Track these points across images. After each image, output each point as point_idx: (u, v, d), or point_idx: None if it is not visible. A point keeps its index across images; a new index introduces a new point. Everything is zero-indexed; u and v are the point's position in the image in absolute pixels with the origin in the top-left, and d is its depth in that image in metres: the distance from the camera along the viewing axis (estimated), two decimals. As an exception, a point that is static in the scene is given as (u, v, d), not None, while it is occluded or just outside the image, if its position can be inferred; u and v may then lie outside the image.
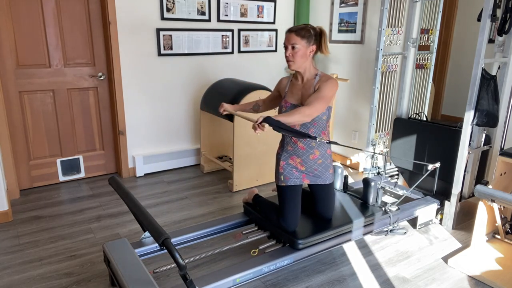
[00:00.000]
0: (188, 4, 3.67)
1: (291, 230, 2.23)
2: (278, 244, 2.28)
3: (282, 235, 2.26)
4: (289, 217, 2.22)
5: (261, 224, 2.45)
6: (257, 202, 2.50)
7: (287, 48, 2.12)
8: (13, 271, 2.27)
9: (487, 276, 2.22)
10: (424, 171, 2.96)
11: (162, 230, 1.71)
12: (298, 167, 2.25)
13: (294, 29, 2.10)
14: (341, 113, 4.15)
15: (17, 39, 3.13)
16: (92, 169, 3.71)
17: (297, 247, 2.17)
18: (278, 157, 2.31)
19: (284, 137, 2.27)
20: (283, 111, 2.22)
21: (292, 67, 2.15)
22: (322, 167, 2.27)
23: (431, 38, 3.35)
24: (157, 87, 3.74)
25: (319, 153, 2.24)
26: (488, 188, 2.23)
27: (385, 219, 2.59)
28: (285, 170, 2.25)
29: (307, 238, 2.19)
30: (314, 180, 2.29)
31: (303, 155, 2.22)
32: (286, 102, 2.22)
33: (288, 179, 2.25)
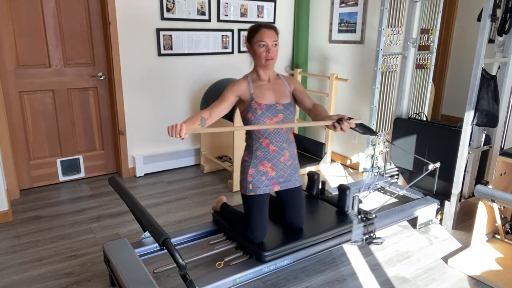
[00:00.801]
0: (188, 4, 3.67)
1: (258, 241, 2.10)
2: (245, 256, 2.15)
3: (249, 246, 2.13)
4: (256, 228, 2.10)
5: (229, 234, 2.33)
6: (224, 211, 2.40)
7: (267, 46, 1.99)
8: (13, 271, 2.27)
9: (487, 276, 2.22)
10: (424, 171, 2.96)
11: (162, 230, 1.71)
12: (269, 173, 2.13)
13: (271, 25, 2.04)
14: (341, 113, 4.15)
15: (17, 39, 3.13)
16: (92, 169, 3.71)
17: (264, 259, 2.05)
18: (245, 165, 2.14)
19: (253, 143, 2.12)
20: (259, 113, 2.02)
21: (271, 67, 2.06)
22: (291, 169, 2.19)
23: (431, 38, 3.35)
24: (157, 87, 3.74)
25: (289, 154, 2.16)
26: (488, 188, 2.23)
27: (361, 228, 2.44)
28: (254, 178, 2.10)
29: (275, 250, 2.07)
30: (285, 185, 2.18)
31: (274, 159, 2.11)
32: (260, 104, 2.03)
33: (257, 187, 2.11)
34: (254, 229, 2.10)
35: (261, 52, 2.00)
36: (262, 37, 1.99)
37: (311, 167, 3.92)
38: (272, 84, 2.11)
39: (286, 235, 2.20)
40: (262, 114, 2.02)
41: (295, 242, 2.15)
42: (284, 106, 2.07)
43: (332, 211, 2.49)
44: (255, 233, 2.10)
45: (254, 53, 2.04)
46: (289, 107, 2.09)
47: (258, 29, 2.01)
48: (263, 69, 2.07)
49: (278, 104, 2.06)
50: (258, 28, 2.02)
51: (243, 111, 2.09)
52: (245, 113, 2.07)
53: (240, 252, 2.20)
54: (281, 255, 2.10)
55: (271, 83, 2.11)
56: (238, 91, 2.06)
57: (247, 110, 2.05)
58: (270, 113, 2.04)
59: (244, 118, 2.09)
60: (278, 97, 2.08)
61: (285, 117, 2.07)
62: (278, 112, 2.05)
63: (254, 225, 2.10)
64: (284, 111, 2.07)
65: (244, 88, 2.06)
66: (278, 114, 2.05)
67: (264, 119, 2.03)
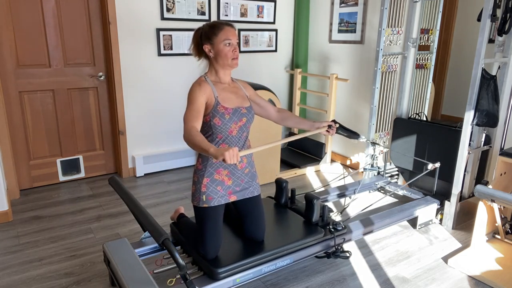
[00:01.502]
0: (188, 4, 3.67)
1: (210, 257, 1.95)
2: (200, 272, 1.99)
3: (202, 262, 1.97)
4: (208, 243, 1.94)
5: (185, 247, 2.15)
6: (180, 223, 2.26)
7: (232, 45, 1.88)
8: (13, 271, 2.27)
9: (487, 276, 2.22)
10: (424, 171, 2.96)
11: (162, 230, 1.71)
12: (225, 181, 1.98)
13: (232, 24, 1.93)
14: (341, 113, 4.15)
15: (17, 39, 3.13)
16: (92, 169, 3.71)
17: (216, 277, 1.89)
18: (199, 174, 1.97)
19: None
20: (227, 118, 1.90)
21: (236, 66, 1.94)
22: (249, 176, 2.06)
23: (431, 38, 3.35)
24: (157, 87, 3.74)
25: (247, 161, 2.04)
26: (488, 188, 2.23)
27: (328, 240, 2.26)
28: (208, 189, 1.94)
29: (229, 266, 1.91)
30: (242, 194, 2.04)
31: (230, 165, 1.98)
32: (226, 108, 1.90)
33: (211, 199, 1.95)
34: (206, 244, 1.94)
35: (227, 51, 1.87)
36: (227, 35, 1.87)
37: (311, 167, 3.92)
38: (231, 87, 2.01)
39: (244, 249, 2.05)
40: (230, 119, 1.91)
41: (254, 256, 1.99)
42: (247, 110, 1.99)
43: (299, 222, 2.33)
44: (207, 248, 1.94)
45: (219, 52, 1.88)
46: (250, 111, 2.01)
47: (221, 26, 1.88)
48: (227, 69, 1.95)
49: (242, 108, 1.96)
50: (220, 26, 1.89)
51: (206, 116, 1.90)
52: (210, 117, 1.89)
53: (195, 267, 2.05)
54: (237, 271, 1.94)
55: (230, 86, 2.01)
56: (205, 93, 1.89)
57: (212, 115, 1.89)
58: (236, 117, 1.93)
59: (209, 124, 1.91)
60: (240, 101, 1.99)
61: (247, 120, 1.99)
62: (242, 116, 1.96)
63: (206, 240, 1.95)
64: (247, 115, 1.98)
65: (209, 90, 1.90)
66: (242, 118, 1.96)
67: (231, 124, 1.92)
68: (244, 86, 2.10)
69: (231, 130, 1.94)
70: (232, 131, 1.94)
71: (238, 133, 1.96)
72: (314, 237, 2.20)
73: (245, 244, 2.10)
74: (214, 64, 1.95)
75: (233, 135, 1.95)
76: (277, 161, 3.63)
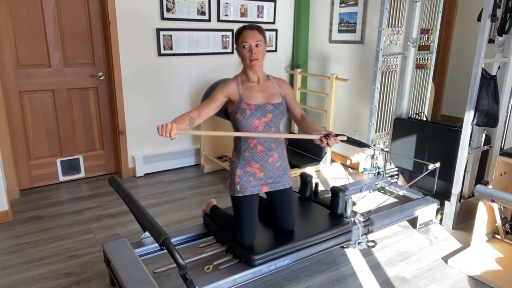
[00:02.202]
0: (188, 4, 3.67)
1: (247, 244, 2.07)
2: (235, 260, 2.11)
3: (238, 250, 2.09)
4: (245, 230, 2.06)
5: (219, 237, 2.31)
6: (214, 214, 2.38)
7: (251, 47, 1.98)
8: (13, 271, 2.28)
9: (487, 276, 2.22)
10: (424, 171, 2.96)
11: (162, 230, 1.71)
12: (257, 173, 2.11)
13: (256, 26, 2.03)
14: (341, 113, 4.15)
15: (17, 39, 3.13)
16: (92, 169, 3.71)
17: (253, 263, 2.00)
18: (233, 166, 2.13)
19: (241, 144, 2.10)
20: (248, 113, 2.01)
21: (256, 67, 2.03)
22: (281, 170, 2.16)
23: (431, 38, 3.35)
24: (157, 87, 3.74)
25: (278, 155, 2.13)
26: (488, 188, 2.23)
27: (354, 231, 2.42)
28: (241, 179, 2.08)
29: (264, 253, 2.03)
30: (274, 186, 2.15)
31: (262, 159, 2.09)
32: (249, 105, 2.02)
33: (245, 188, 2.08)
34: (243, 232, 2.06)
35: (244, 53, 2.00)
36: (244, 38, 1.99)
37: (311, 167, 3.92)
38: (261, 85, 2.09)
39: (276, 238, 2.16)
40: (251, 115, 2.01)
41: (286, 245, 2.11)
42: (274, 106, 2.06)
43: (325, 214, 2.46)
44: (245, 236, 2.06)
45: (240, 54, 2.05)
46: (279, 107, 2.07)
47: (241, 31, 2.02)
48: (249, 70, 2.06)
49: (268, 104, 2.05)
50: (241, 30, 2.02)
51: (232, 111, 2.07)
52: (234, 113, 2.05)
53: (229, 255, 2.17)
54: (271, 258, 2.06)
55: (260, 84, 2.09)
56: (227, 91, 2.04)
57: (236, 111, 2.04)
58: (259, 113, 2.03)
59: (233, 119, 2.07)
60: (268, 98, 2.07)
61: (274, 116, 2.05)
62: (267, 112, 2.04)
63: (243, 228, 2.06)
64: (274, 111, 2.05)
65: (234, 88, 2.05)
66: (267, 114, 2.04)
67: (253, 119, 2.02)
68: (279, 84, 2.15)
69: (255, 125, 2.03)
70: (257, 126, 2.03)
71: (264, 129, 2.06)
72: (340, 227, 2.34)
73: (277, 233, 2.22)
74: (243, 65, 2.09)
75: (259, 130, 2.05)
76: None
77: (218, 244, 2.29)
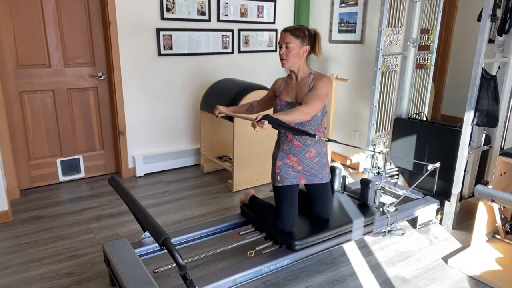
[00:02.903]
0: (188, 4, 3.67)
1: (288, 231, 2.23)
2: (275, 246, 2.27)
3: (279, 236, 2.25)
4: (286, 217, 2.21)
5: (258, 225, 2.43)
6: (254, 203, 2.50)
7: (281, 47, 2.15)
8: (13, 271, 2.28)
9: (487, 276, 2.22)
10: (424, 171, 2.96)
11: (162, 230, 1.71)
12: (295, 166, 2.24)
13: (289, 28, 2.14)
14: (341, 113, 4.15)
15: (17, 39, 3.13)
16: (92, 169, 3.71)
17: (294, 248, 2.16)
18: (274, 157, 2.30)
19: (280, 136, 2.27)
20: (278, 109, 2.23)
21: (285, 66, 2.18)
22: (319, 165, 2.27)
23: (431, 38, 3.35)
24: (157, 87, 3.74)
25: (315, 151, 2.24)
26: (488, 188, 2.23)
27: (383, 220, 2.57)
28: (281, 170, 2.24)
29: (304, 239, 2.17)
30: (311, 179, 2.28)
31: (299, 154, 2.22)
32: (281, 100, 2.23)
33: (284, 179, 2.23)
34: (284, 219, 2.21)
35: (279, 53, 2.18)
36: (281, 40, 2.16)
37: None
38: (298, 83, 2.22)
39: (314, 225, 2.32)
40: (280, 109, 2.21)
41: (323, 232, 2.26)
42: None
43: (355, 204, 2.61)
44: (286, 222, 2.21)
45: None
46: None
47: (281, 33, 2.18)
48: (284, 67, 2.21)
49: (296, 103, 2.19)
50: (281, 32, 2.19)
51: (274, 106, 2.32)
52: (274, 107, 2.30)
53: (269, 241, 2.32)
54: (311, 244, 2.21)
55: (297, 82, 2.23)
56: (274, 87, 2.36)
57: (275, 104, 2.29)
58: (287, 108, 2.18)
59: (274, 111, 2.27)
60: (299, 96, 2.20)
61: None
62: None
63: (284, 215, 2.21)
64: None
65: (278, 85, 2.33)
66: None
67: None
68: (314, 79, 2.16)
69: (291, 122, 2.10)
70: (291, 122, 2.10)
71: (297, 124, 2.16)
72: (371, 217, 2.49)
73: (315, 221, 2.36)
74: None
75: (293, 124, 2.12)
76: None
77: (257, 232, 2.42)
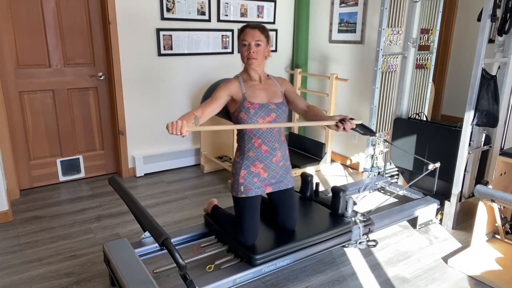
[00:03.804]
0: (188, 4, 3.67)
1: (249, 244, 2.08)
2: (236, 259, 2.13)
3: (240, 249, 2.11)
4: (247, 230, 2.07)
5: (220, 236, 2.31)
6: (215, 214, 2.39)
7: (250, 45, 1.99)
8: (13, 271, 2.27)
9: (487, 276, 2.22)
10: (424, 171, 2.95)
11: (162, 230, 1.71)
12: (261, 174, 2.11)
13: (259, 26, 2.04)
14: (341, 113, 4.15)
15: (17, 39, 3.13)
16: (92, 169, 3.71)
17: (254, 263, 2.01)
18: (237, 166, 2.11)
19: (245, 143, 2.10)
20: (252, 113, 2.01)
21: (254, 65, 2.04)
22: (283, 169, 2.17)
23: (431, 38, 3.35)
24: (157, 87, 3.74)
25: (281, 155, 2.15)
26: (488, 188, 2.23)
27: (356, 231, 2.42)
28: (246, 180, 2.08)
29: (265, 253, 2.04)
30: (277, 186, 2.16)
31: (266, 159, 2.10)
32: (252, 104, 2.03)
33: (249, 189, 2.08)
34: (245, 232, 2.08)
35: (243, 51, 2.02)
36: (244, 36, 2.00)
37: (311, 167, 3.92)
38: (263, 84, 2.11)
39: (278, 237, 2.17)
40: (255, 113, 2.02)
41: (287, 244, 2.12)
42: (276, 106, 2.08)
43: (326, 213, 2.47)
44: (246, 236, 2.08)
45: (240, 52, 2.07)
46: (281, 106, 2.10)
47: (243, 29, 2.03)
48: (248, 68, 2.08)
49: (271, 104, 2.07)
50: (243, 28, 2.04)
51: (235, 111, 2.07)
52: (238, 112, 2.05)
53: (231, 255, 2.19)
54: (272, 258, 2.07)
55: (262, 83, 2.11)
56: (230, 90, 2.04)
57: (239, 110, 2.04)
58: (263, 112, 2.04)
59: (237, 118, 2.07)
60: (270, 97, 2.09)
61: (277, 116, 2.07)
62: (270, 112, 2.06)
63: (245, 228, 2.08)
64: (277, 110, 2.07)
65: (236, 87, 2.05)
66: (270, 114, 2.06)
67: (257, 118, 2.03)
68: (280, 82, 2.18)
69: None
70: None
71: (268, 128, 2.07)
72: (342, 227, 2.34)
73: (278, 233, 2.22)
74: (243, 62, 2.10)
75: (263, 129, 2.06)
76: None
77: (220, 244, 2.30)
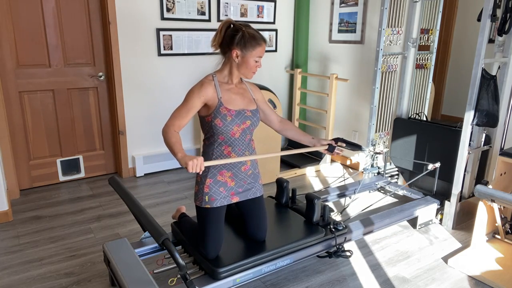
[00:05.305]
0: (188, 4, 3.67)
1: (211, 257, 1.95)
2: (200, 272, 1.99)
3: (203, 262, 1.97)
4: (209, 243, 1.93)
5: (186, 247, 2.15)
6: (181, 223, 2.26)
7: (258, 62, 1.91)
8: (13, 271, 2.27)
9: (487, 276, 2.22)
10: (424, 171, 2.96)
11: (162, 230, 1.71)
12: (228, 183, 1.97)
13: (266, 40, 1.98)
14: (341, 113, 4.15)
15: (17, 39, 3.13)
16: (92, 169, 3.71)
17: (217, 277, 1.88)
18: (202, 174, 1.95)
19: (213, 150, 1.94)
20: (228, 120, 1.87)
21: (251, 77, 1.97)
22: (252, 177, 2.05)
23: (431, 38, 3.35)
24: (157, 87, 3.74)
25: (250, 163, 2.04)
26: (488, 188, 2.23)
27: (331, 240, 2.27)
28: (211, 190, 1.93)
29: (229, 266, 1.90)
30: (244, 195, 2.03)
31: (234, 168, 1.98)
32: (229, 110, 1.88)
33: (214, 200, 1.94)
34: (208, 244, 1.94)
35: (253, 66, 1.90)
36: (261, 53, 1.88)
37: (311, 167, 3.92)
38: (238, 88, 1.99)
39: (245, 249, 2.04)
40: (231, 121, 1.88)
41: (255, 256, 1.99)
42: (252, 113, 1.97)
43: (300, 222, 2.33)
44: (209, 248, 1.94)
45: (246, 64, 1.88)
46: (256, 114, 1.99)
47: (260, 42, 1.87)
48: (242, 77, 1.98)
49: (247, 110, 1.95)
50: (260, 41, 1.87)
51: (208, 116, 1.89)
52: (212, 118, 1.87)
53: (196, 267, 2.05)
54: (238, 271, 1.94)
55: (237, 87, 1.99)
56: (205, 96, 1.86)
57: (214, 116, 1.87)
58: (239, 119, 1.91)
59: (209, 124, 1.89)
60: (246, 104, 1.97)
61: (252, 124, 1.96)
62: (246, 119, 1.93)
63: (208, 240, 1.94)
64: (252, 118, 1.96)
65: (211, 92, 1.88)
66: (246, 121, 1.93)
67: (233, 126, 1.90)
68: (252, 88, 2.06)
69: (233, 132, 1.91)
70: (234, 133, 1.91)
71: (241, 136, 1.94)
72: (315, 236, 2.20)
73: (246, 244, 2.09)
74: (232, 67, 1.94)
75: (235, 137, 1.93)
76: (277, 161, 3.63)
77: (186, 255, 2.15)
